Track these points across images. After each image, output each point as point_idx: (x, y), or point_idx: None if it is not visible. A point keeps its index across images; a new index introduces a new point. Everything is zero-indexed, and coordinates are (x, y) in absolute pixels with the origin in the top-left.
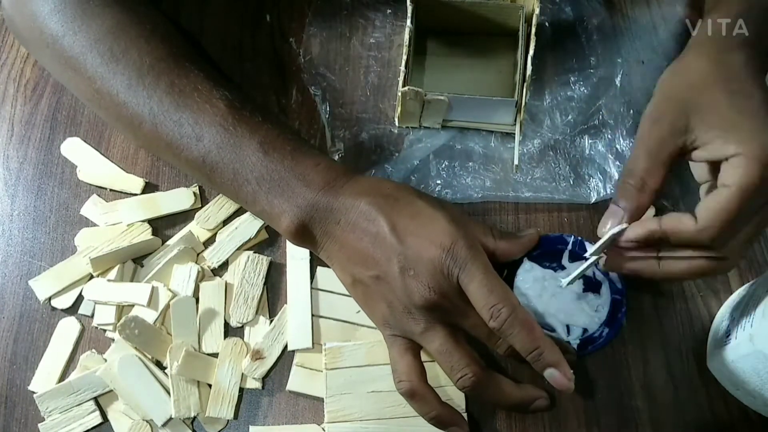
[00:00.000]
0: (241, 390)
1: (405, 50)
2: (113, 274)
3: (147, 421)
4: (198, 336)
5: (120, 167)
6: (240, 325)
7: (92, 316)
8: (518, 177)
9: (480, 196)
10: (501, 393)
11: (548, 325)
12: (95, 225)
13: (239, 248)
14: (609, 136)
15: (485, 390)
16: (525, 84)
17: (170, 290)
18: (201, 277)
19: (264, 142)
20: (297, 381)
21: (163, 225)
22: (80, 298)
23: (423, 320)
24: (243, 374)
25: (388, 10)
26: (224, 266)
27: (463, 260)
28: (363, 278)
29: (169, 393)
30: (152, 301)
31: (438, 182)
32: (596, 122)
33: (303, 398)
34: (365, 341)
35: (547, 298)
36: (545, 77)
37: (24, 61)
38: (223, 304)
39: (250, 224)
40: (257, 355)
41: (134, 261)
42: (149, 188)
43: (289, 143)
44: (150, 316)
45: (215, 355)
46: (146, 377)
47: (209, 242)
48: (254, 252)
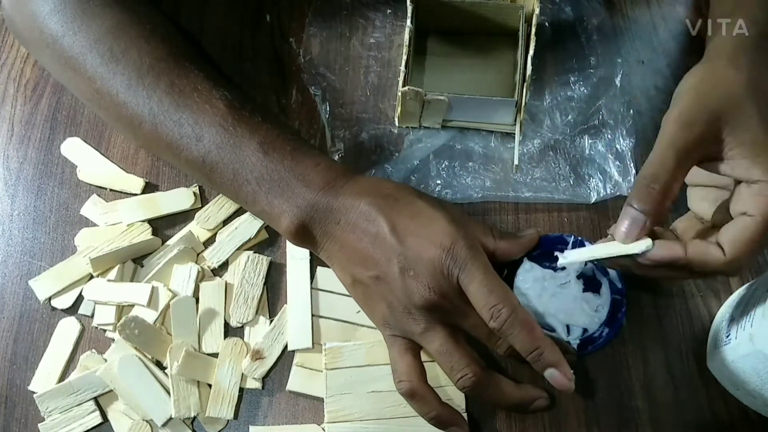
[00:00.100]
0: (241, 390)
1: (405, 50)
2: (113, 274)
3: (147, 421)
4: (198, 336)
5: (120, 167)
6: (240, 325)
7: (92, 316)
8: (518, 177)
9: (480, 196)
10: (501, 393)
11: (548, 325)
12: (95, 225)
13: (239, 248)
14: (609, 136)
15: (485, 390)
16: (525, 84)
17: (170, 290)
18: (201, 277)
19: (264, 143)
20: (297, 381)
21: (163, 225)
22: (80, 298)
23: (423, 320)
24: (243, 374)
25: (388, 10)
26: (224, 266)
27: (463, 260)
28: (363, 278)
29: (169, 393)
30: (152, 301)
31: (438, 182)
32: (596, 122)
33: (303, 398)
34: (365, 341)
35: (547, 298)
36: (545, 77)
37: (24, 61)
38: (223, 304)
39: (250, 224)
40: (257, 355)
41: (134, 261)
42: (149, 188)
43: (289, 143)
44: (150, 316)
45: (215, 355)
46: (146, 377)
47: (209, 242)
48: (254, 252)
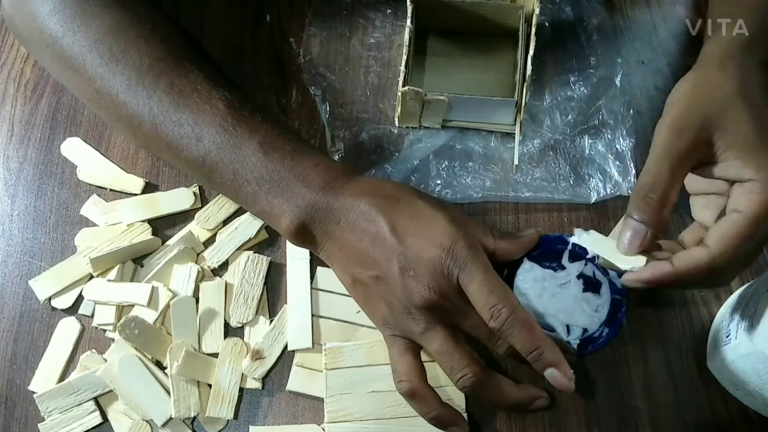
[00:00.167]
0: (241, 390)
1: (405, 50)
2: (113, 274)
3: (147, 421)
4: (198, 336)
5: (120, 167)
6: (240, 325)
7: (92, 316)
8: (518, 177)
9: (480, 196)
10: (501, 393)
11: (548, 325)
12: (95, 225)
13: (239, 248)
14: (609, 136)
15: (485, 390)
16: (525, 84)
17: (170, 290)
18: (201, 277)
19: (264, 143)
20: (297, 381)
21: (163, 225)
22: (80, 298)
23: (423, 320)
24: (243, 374)
25: (388, 10)
26: (224, 266)
27: (463, 260)
28: (363, 278)
29: (169, 393)
30: (152, 301)
31: (438, 182)
32: (596, 122)
33: (303, 398)
34: (365, 341)
35: (547, 298)
36: (545, 77)
37: (24, 61)
38: (223, 304)
39: (250, 224)
40: (257, 355)
41: (134, 261)
42: (149, 188)
43: (289, 143)
44: (150, 316)
45: (215, 355)
46: (146, 377)
47: (209, 242)
48: (254, 252)
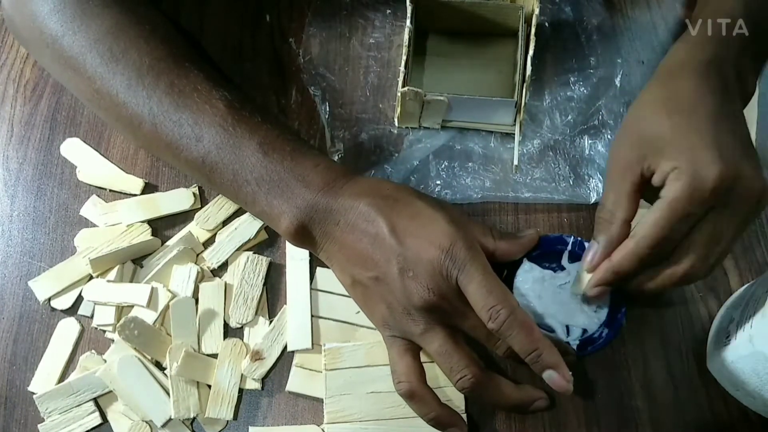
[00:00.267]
0: (241, 391)
1: (404, 50)
2: (113, 275)
3: (147, 422)
4: (197, 337)
5: (120, 168)
6: (239, 326)
7: (92, 317)
8: (518, 177)
9: (480, 197)
10: (500, 394)
11: (548, 326)
12: (95, 225)
13: (239, 249)
14: (609, 137)
15: (484, 391)
16: (525, 84)
17: (170, 291)
18: (200, 278)
19: (263, 143)
20: (296, 382)
21: (163, 225)
22: (80, 299)
23: (422, 321)
24: (242, 375)
25: (388, 10)
26: (224, 267)
27: (462, 261)
28: (362, 279)
29: (169, 394)
30: (152, 302)
31: (438, 183)
32: (596, 122)
33: (302, 399)
34: (365, 342)
35: (547, 299)
36: (545, 77)
37: (24, 62)
38: (223, 305)
39: (250, 225)
40: (257, 356)
41: (134, 262)
42: (149, 189)
43: (289, 144)
44: (149, 317)
45: (215, 356)
46: (146, 378)
47: (209, 243)
48: (254, 252)
